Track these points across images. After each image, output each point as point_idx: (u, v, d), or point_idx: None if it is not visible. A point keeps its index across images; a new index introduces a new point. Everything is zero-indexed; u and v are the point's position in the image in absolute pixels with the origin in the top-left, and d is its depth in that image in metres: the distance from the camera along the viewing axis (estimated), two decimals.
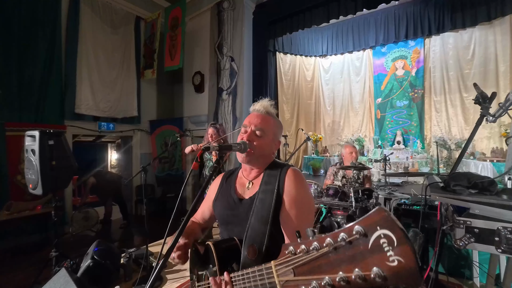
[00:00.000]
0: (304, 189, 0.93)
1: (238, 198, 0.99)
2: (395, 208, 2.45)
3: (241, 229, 0.89)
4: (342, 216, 2.28)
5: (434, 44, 6.45)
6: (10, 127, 3.91)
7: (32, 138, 2.50)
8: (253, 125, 0.97)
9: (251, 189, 1.00)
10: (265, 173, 0.99)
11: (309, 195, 0.96)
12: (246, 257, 0.80)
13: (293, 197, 0.89)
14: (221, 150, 0.82)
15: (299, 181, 0.93)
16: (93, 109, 4.96)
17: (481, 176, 1.17)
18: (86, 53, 4.83)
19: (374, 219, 0.40)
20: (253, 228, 0.85)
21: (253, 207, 0.90)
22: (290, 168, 0.97)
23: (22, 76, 4.00)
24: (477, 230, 1.02)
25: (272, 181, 0.93)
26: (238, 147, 0.90)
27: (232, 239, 0.90)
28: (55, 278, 1.90)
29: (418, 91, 6.59)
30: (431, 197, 1.14)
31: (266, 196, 0.90)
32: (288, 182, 0.92)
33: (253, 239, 0.83)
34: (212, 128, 2.87)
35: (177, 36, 5.31)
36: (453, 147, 5.62)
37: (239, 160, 0.98)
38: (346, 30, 7.48)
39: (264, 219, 0.86)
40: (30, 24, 4.07)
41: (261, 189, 0.93)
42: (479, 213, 1.04)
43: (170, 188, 6.17)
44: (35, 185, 2.48)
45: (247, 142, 0.93)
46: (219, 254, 0.80)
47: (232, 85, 5.33)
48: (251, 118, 0.99)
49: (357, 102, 7.61)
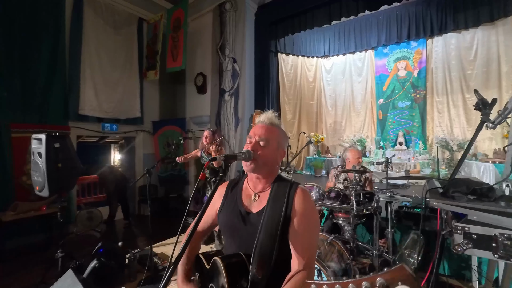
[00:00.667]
0: (313, 209, 0.98)
1: (246, 211, 1.01)
2: (396, 210, 2.48)
3: (247, 243, 0.91)
4: (344, 218, 2.31)
5: (437, 45, 6.43)
6: (15, 128, 3.96)
7: (38, 141, 2.55)
8: (257, 135, 1.00)
9: (257, 202, 1.02)
10: (273, 188, 1.01)
11: (317, 215, 1.01)
12: (255, 274, 0.82)
13: (302, 216, 0.93)
14: (227, 160, 0.85)
15: (309, 202, 0.98)
16: (97, 110, 5.01)
17: (480, 182, 1.19)
18: (89, 55, 4.88)
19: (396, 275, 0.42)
20: (261, 245, 0.88)
21: (261, 223, 0.93)
22: (299, 187, 1.00)
23: (26, 77, 4.05)
24: (475, 236, 1.04)
25: (281, 198, 0.97)
26: (243, 156, 0.94)
27: (239, 254, 0.92)
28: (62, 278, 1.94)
29: (420, 91, 6.58)
30: (431, 203, 1.17)
31: (274, 213, 0.93)
32: (298, 202, 0.95)
33: (261, 256, 0.86)
34: (208, 131, 2.95)
35: (179, 38, 5.35)
36: (455, 148, 5.62)
37: (244, 169, 1.00)
38: (348, 31, 7.47)
39: (272, 237, 0.89)
40: (33, 26, 4.11)
41: (270, 205, 0.96)
42: (477, 220, 1.06)
43: (172, 188, 6.23)
44: (42, 187, 2.52)
45: (251, 151, 0.96)
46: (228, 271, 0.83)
47: (234, 86, 5.37)
48: (255, 129, 1.03)
49: (359, 103, 7.61)
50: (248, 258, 0.88)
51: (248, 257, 0.88)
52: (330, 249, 1.93)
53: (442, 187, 1.29)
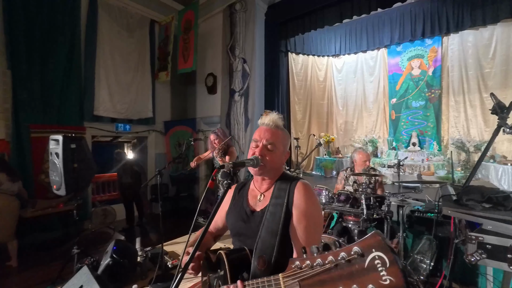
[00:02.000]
0: (313, 202, 0.96)
1: (250, 210, 1.03)
2: (408, 215, 2.43)
3: (252, 241, 0.92)
4: (354, 222, 2.29)
5: (453, 42, 6.21)
6: (34, 129, 4.13)
7: (56, 142, 2.65)
8: (264, 139, 1.00)
9: (262, 201, 1.03)
10: (275, 186, 1.02)
11: (318, 208, 0.99)
12: (256, 267, 0.84)
13: (302, 211, 0.92)
14: (235, 167, 0.86)
15: (308, 195, 0.96)
16: (110, 111, 5.15)
17: (496, 190, 1.15)
18: (103, 57, 5.02)
19: (370, 242, 0.45)
20: (263, 240, 0.89)
21: (263, 219, 0.94)
22: (299, 181, 1.00)
23: (44, 80, 4.21)
24: (490, 246, 1.01)
25: (282, 194, 0.97)
26: (251, 163, 0.94)
27: (243, 249, 0.94)
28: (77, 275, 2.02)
29: (435, 91, 6.39)
30: (443, 211, 1.14)
31: (276, 210, 0.94)
32: (297, 196, 0.95)
33: (263, 251, 0.87)
34: (213, 135, 2.97)
35: (190, 39, 5.41)
36: (472, 149, 5.42)
37: (252, 173, 1.02)
38: (360, 29, 7.33)
39: (273, 232, 0.89)
40: (51, 30, 4.27)
41: (272, 202, 0.97)
42: (492, 229, 1.03)
43: (183, 187, 6.33)
44: (59, 186, 2.62)
45: (259, 157, 0.97)
46: (230, 263, 0.85)
47: (244, 87, 5.38)
48: (261, 133, 1.02)
49: (370, 103, 7.47)
50: (252, 252, 0.90)
51: (252, 252, 0.90)
52: None
53: (456, 194, 1.26)
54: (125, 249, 2.58)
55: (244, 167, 0.92)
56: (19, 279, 3.09)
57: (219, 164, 3.06)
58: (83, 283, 1.90)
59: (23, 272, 3.25)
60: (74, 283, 1.95)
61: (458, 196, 1.20)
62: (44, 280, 2.97)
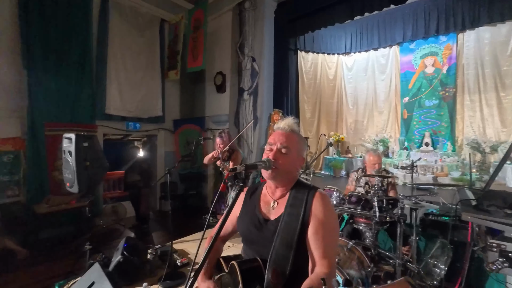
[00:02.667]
0: (331, 214, 0.95)
1: (264, 218, 1.00)
2: (421, 218, 2.36)
3: (265, 250, 0.91)
4: (365, 224, 2.24)
5: (468, 39, 6.01)
6: (48, 127, 4.24)
7: (69, 140, 2.69)
8: (278, 142, 0.99)
9: (276, 209, 1.01)
10: (290, 194, 1.00)
11: (336, 220, 0.98)
12: (270, 280, 0.82)
13: (320, 222, 0.91)
14: (247, 170, 0.85)
15: (327, 206, 0.95)
16: (121, 109, 5.23)
17: None
18: (114, 57, 5.09)
19: None
20: (277, 252, 0.87)
21: (278, 229, 0.92)
22: (318, 191, 0.98)
23: (58, 79, 4.30)
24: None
25: (298, 204, 0.95)
26: (263, 165, 0.93)
27: (256, 259, 0.92)
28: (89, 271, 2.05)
29: (450, 89, 6.20)
30: (463, 216, 1.09)
31: (291, 220, 0.92)
32: (316, 206, 0.93)
33: (277, 263, 0.85)
34: (218, 138, 2.94)
35: (199, 38, 5.42)
36: (488, 150, 5.24)
37: (264, 177, 1.00)
38: (371, 26, 7.18)
39: (289, 244, 0.88)
40: (66, 31, 4.35)
41: (287, 212, 0.95)
42: None
43: (192, 185, 6.38)
44: (72, 184, 2.68)
45: (272, 160, 0.95)
46: (244, 276, 0.83)
47: (253, 85, 5.36)
48: (276, 136, 1.01)
49: (381, 101, 7.33)
50: (265, 263, 0.88)
51: (265, 262, 0.88)
52: (350, 256, 1.87)
53: (476, 198, 1.21)
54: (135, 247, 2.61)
55: (256, 169, 0.90)
56: (34, 272, 3.19)
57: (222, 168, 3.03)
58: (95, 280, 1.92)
59: (38, 266, 3.35)
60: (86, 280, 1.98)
61: (478, 201, 1.15)
62: (58, 274, 3.05)
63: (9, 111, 3.97)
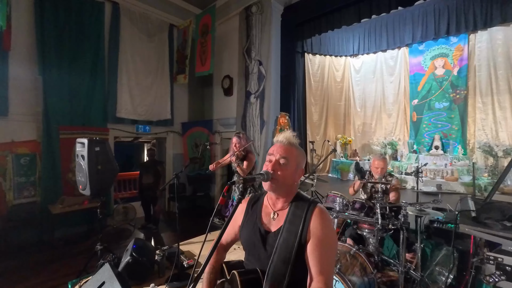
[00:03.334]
0: (329, 231, 0.96)
1: (265, 230, 1.04)
2: (426, 225, 2.34)
3: (265, 261, 0.95)
4: (369, 230, 2.24)
5: (480, 40, 5.87)
6: (62, 130, 4.41)
7: (82, 144, 2.82)
8: (278, 154, 1.01)
9: (276, 220, 1.04)
10: (290, 208, 1.02)
11: (334, 236, 1.00)
12: None
13: (318, 239, 0.93)
14: (246, 182, 0.89)
15: (326, 222, 0.97)
16: (132, 113, 5.38)
17: None
18: (125, 62, 5.24)
19: None
20: (275, 267, 0.91)
21: (276, 244, 0.95)
22: (317, 207, 1.00)
23: (72, 85, 4.48)
24: (510, 268, 0.97)
25: (297, 221, 0.97)
26: (262, 177, 0.96)
27: (255, 271, 0.97)
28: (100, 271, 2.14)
29: (461, 91, 6.07)
30: (461, 228, 1.10)
31: (290, 236, 0.95)
32: (314, 223, 0.95)
33: (274, 277, 0.89)
34: (235, 138, 2.98)
35: (207, 42, 5.51)
36: (501, 154, 5.10)
37: (265, 189, 1.03)
38: (380, 28, 7.11)
39: (286, 260, 0.91)
40: (79, 38, 4.53)
41: (286, 227, 0.97)
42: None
43: (200, 187, 6.48)
44: (84, 186, 2.80)
45: (270, 172, 0.98)
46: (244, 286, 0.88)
47: (260, 89, 5.40)
48: (275, 148, 1.04)
49: (390, 104, 7.23)
50: (264, 274, 0.92)
51: (264, 273, 0.92)
52: (352, 262, 1.89)
53: (475, 210, 1.21)
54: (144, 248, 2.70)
55: (254, 181, 0.94)
56: (48, 271, 3.33)
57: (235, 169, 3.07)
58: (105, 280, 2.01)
59: (52, 263, 3.50)
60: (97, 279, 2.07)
61: (477, 213, 1.16)
62: (70, 272, 3.17)
63: (25, 115, 4.16)
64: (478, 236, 1.07)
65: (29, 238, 4.04)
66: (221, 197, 0.86)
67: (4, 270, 3.27)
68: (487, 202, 1.23)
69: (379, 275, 2.34)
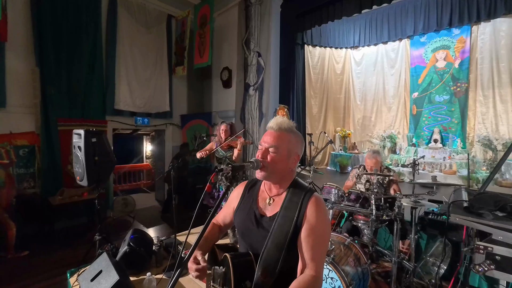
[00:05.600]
0: (324, 220, 0.96)
1: (260, 214, 1.03)
2: (420, 217, 2.35)
3: (258, 245, 0.95)
4: (364, 222, 2.26)
5: (483, 32, 5.77)
6: (61, 122, 4.41)
7: (78, 135, 2.81)
8: (266, 143, 1.00)
9: (272, 206, 1.04)
10: (287, 194, 1.01)
11: (328, 225, 1.00)
12: (259, 277, 0.86)
13: (312, 226, 0.92)
14: (234, 170, 0.88)
15: (321, 211, 0.96)
16: (130, 105, 5.36)
17: (511, 199, 1.09)
18: (123, 54, 5.19)
19: None
20: (268, 252, 0.91)
21: (271, 230, 0.95)
22: (313, 195, 0.99)
23: (70, 77, 4.45)
24: (499, 258, 0.97)
25: (293, 207, 0.97)
26: (251, 166, 0.95)
27: (248, 254, 0.97)
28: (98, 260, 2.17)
29: (462, 84, 6.01)
30: (451, 218, 1.11)
31: (285, 222, 0.94)
32: (310, 211, 0.95)
33: (267, 262, 0.89)
34: (224, 124, 2.96)
35: (205, 34, 5.44)
36: (500, 147, 5.09)
37: (257, 177, 1.02)
38: (381, 19, 6.99)
39: (280, 245, 0.91)
40: (76, 29, 4.48)
41: (281, 214, 0.97)
42: (503, 240, 0.99)
43: (199, 179, 6.50)
44: (82, 177, 2.81)
45: (259, 160, 0.97)
46: (235, 268, 0.88)
47: (258, 81, 5.36)
48: (265, 136, 1.02)
49: (390, 97, 7.18)
50: (256, 258, 0.92)
51: (257, 257, 0.92)
52: (347, 253, 1.90)
53: (468, 200, 1.21)
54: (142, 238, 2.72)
55: (243, 169, 0.93)
56: (48, 262, 3.37)
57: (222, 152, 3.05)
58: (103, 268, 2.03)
59: (53, 254, 3.54)
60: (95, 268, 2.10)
61: (469, 203, 1.16)
62: (70, 262, 3.21)
63: (23, 107, 4.15)
64: (469, 225, 1.07)
65: (29, 229, 4.08)
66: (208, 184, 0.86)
67: (3, 261, 3.32)
68: (480, 192, 1.23)
69: (374, 265, 2.37)
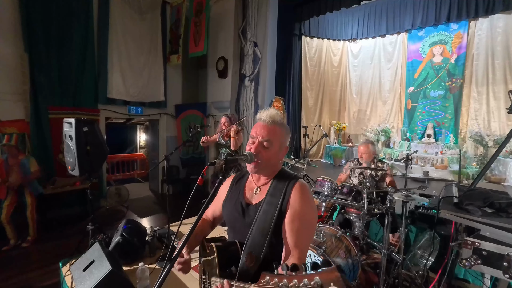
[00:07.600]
0: (309, 205, 0.95)
1: (246, 203, 1.04)
2: (411, 210, 2.40)
3: (244, 234, 0.95)
4: (356, 215, 2.29)
5: (481, 28, 5.77)
6: (52, 110, 4.30)
7: (69, 124, 2.75)
8: (260, 136, 0.98)
9: (258, 195, 1.04)
10: (272, 183, 1.02)
11: (313, 211, 0.98)
12: (244, 263, 0.87)
13: (296, 212, 0.92)
14: (227, 164, 0.87)
15: (305, 197, 0.95)
16: (123, 94, 5.25)
17: (500, 195, 1.11)
18: (116, 41, 5.04)
19: (330, 276, 0.49)
20: (253, 238, 0.91)
21: (256, 216, 0.95)
22: (298, 181, 0.99)
23: (61, 63, 4.32)
24: (486, 253, 0.99)
25: (278, 194, 0.96)
26: (245, 159, 0.94)
27: (234, 243, 0.97)
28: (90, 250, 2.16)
29: (457, 80, 6.04)
30: (441, 214, 1.12)
31: (269, 208, 0.94)
32: (294, 196, 0.94)
33: (252, 248, 0.89)
34: (224, 117, 3.03)
35: (201, 22, 5.31)
36: (491, 143, 5.18)
37: (248, 170, 1.02)
38: (380, 12, 6.92)
39: (265, 231, 0.91)
40: (67, 16, 4.32)
41: (266, 200, 0.97)
42: (490, 236, 1.01)
43: (193, 170, 6.48)
44: (73, 167, 2.76)
45: (253, 154, 0.96)
46: (220, 256, 0.89)
47: (255, 72, 5.29)
48: (257, 129, 1.00)
49: (386, 91, 7.19)
50: (242, 246, 0.92)
51: (243, 245, 0.92)
52: (338, 245, 1.93)
53: (458, 196, 1.23)
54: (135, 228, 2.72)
55: (236, 163, 0.92)
56: (41, 251, 3.36)
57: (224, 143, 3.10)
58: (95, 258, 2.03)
59: (45, 244, 3.52)
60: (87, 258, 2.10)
61: (459, 199, 1.18)
62: (63, 252, 3.20)
63: (12, 94, 4.02)
64: (458, 221, 1.09)
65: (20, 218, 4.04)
66: (200, 177, 0.85)
67: None
68: (471, 189, 1.25)
69: (364, 257, 2.42)
